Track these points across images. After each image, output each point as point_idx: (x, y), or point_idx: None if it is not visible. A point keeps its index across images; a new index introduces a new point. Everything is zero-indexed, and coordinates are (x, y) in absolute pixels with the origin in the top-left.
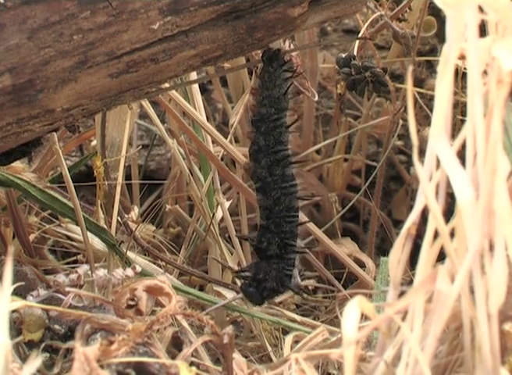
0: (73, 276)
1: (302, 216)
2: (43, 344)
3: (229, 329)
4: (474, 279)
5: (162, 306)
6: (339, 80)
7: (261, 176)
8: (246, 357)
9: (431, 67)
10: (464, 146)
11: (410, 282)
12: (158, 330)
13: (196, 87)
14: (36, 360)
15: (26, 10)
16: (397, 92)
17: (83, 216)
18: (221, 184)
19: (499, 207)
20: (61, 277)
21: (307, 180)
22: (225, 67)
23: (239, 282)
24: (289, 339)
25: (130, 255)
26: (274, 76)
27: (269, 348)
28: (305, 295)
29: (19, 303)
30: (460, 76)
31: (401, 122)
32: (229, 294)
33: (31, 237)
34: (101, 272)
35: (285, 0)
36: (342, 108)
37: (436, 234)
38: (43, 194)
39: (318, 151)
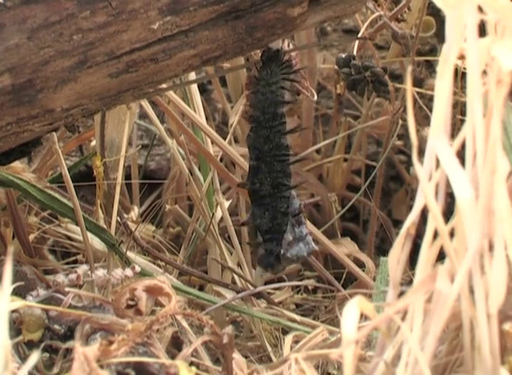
0: (73, 276)
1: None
2: (42, 344)
3: (229, 329)
4: (473, 279)
5: (162, 306)
6: (338, 80)
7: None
8: (246, 357)
9: (430, 67)
10: (463, 146)
11: (410, 282)
12: (157, 330)
13: (195, 87)
14: (34, 358)
15: (25, 10)
16: (397, 92)
17: (83, 216)
18: (220, 184)
19: (499, 207)
20: (60, 277)
21: (307, 180)
22: (225, 67)
23: (239, 282)
24: (288, 339)
25: (130, 255)
26: (273, 76)
27: (269, 348)
28: (305, 295)
29: (18, 303)
30: (460, 76)
31: (401, 122)
32: (229, 294)
33: (31, 237)
34: (101, 272)
35: (284, 0)
36: (339, 109)
37: (436, 234)
38: (43, 194)
39: (317, 151)
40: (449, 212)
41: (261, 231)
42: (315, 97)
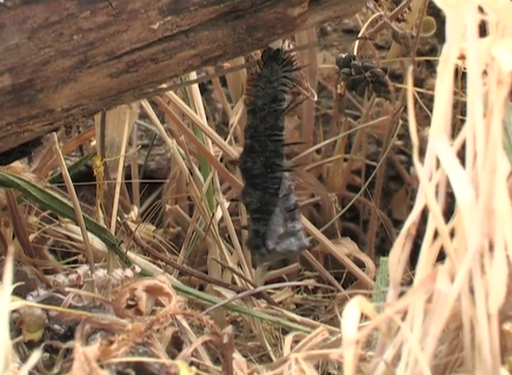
0: (73, 276)
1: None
2: (43, 344)
3: (229, 329)
4: (473, 279)
5: (162, 306)
6: (339, 81)
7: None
8: (246, 357)
9: (431, 67)
10: (463, 146)
11: (410, 282)
12: (157, 330)
13: (196, 87)
14: (34, 358)
15: (26, 10)
16: (397, 92)
17: (83, 216)
18: (220, 184)
19: (499, 207)
20: (61, 277)
21: (307, 180)
22: (225, 67)
23: (239, 282)
24: (288, 339)
25: (130, 255)
26: (273, 74)
27: (269, 348)
28: (305, 295)
29: (19, 303)
30: (460, 76)
31: (401, 122)
32: (229, 294)
33: (31, 237)
34: (101, 272)
35: (285, 0)
36: (339, 109)
37: (436, 234)
38: (43, 194)
39: (317, 151)
40: (449, 212)
41: (250, 210)
42: (315, 97)
